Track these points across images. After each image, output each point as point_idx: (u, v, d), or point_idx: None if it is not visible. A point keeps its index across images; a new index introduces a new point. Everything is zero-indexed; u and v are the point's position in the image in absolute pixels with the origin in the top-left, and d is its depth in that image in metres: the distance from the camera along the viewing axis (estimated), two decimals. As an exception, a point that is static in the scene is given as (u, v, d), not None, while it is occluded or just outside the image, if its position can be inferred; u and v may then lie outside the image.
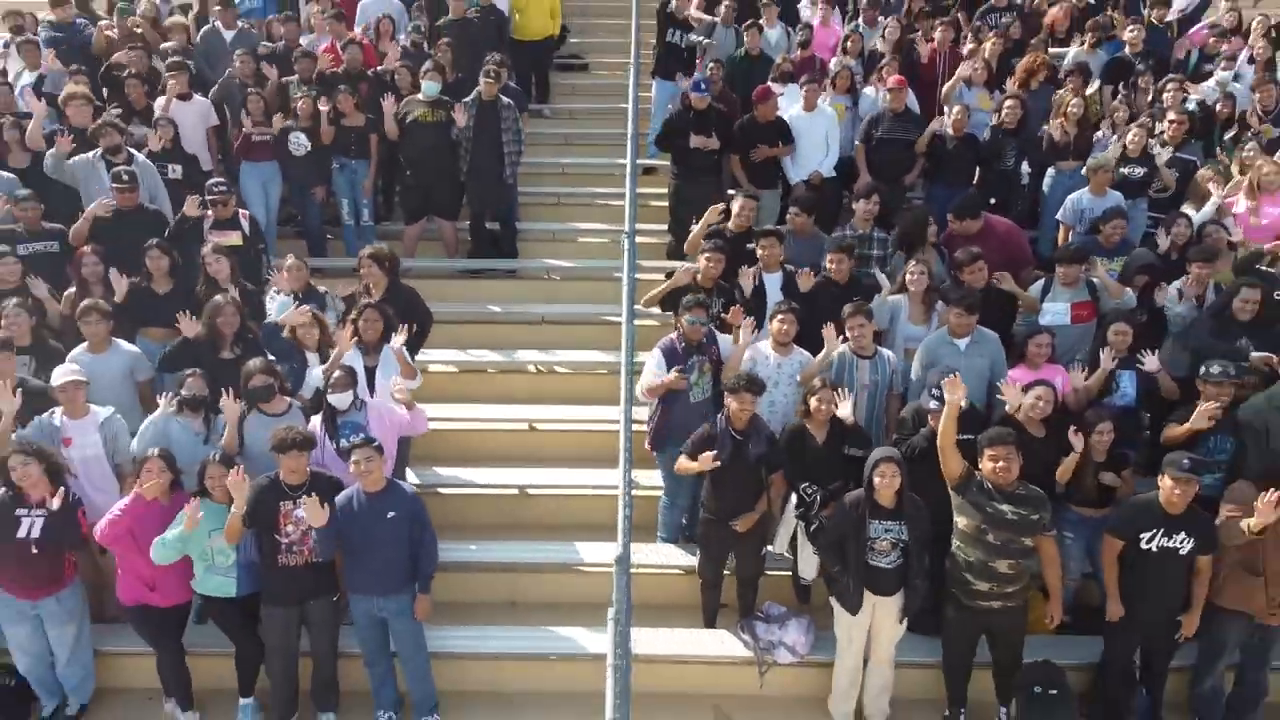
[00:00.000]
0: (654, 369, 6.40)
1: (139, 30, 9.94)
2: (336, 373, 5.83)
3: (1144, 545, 5.39)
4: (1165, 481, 5.33)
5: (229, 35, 10.15)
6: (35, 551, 5.39)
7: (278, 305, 6.80)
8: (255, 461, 5.63)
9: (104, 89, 9.47)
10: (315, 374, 6.38)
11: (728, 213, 7.42)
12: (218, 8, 10.27)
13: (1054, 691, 5.48)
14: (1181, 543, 5.35)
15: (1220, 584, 5.52)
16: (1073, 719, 5.48)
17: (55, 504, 5.37)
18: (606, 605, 4.11)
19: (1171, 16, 10.68)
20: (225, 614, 5.59)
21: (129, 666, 5.98)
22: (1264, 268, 7.23)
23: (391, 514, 5.42)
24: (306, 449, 5.37)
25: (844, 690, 5.77)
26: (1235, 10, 10.81)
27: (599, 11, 14.06)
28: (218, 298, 6.41)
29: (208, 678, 5.84)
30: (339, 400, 5.78)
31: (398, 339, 6.22)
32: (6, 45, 10.05)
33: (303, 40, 10.24)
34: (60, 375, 5.84)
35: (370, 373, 6.22)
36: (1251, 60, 10.16)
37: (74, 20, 10.04)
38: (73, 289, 7.03)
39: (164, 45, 10.02)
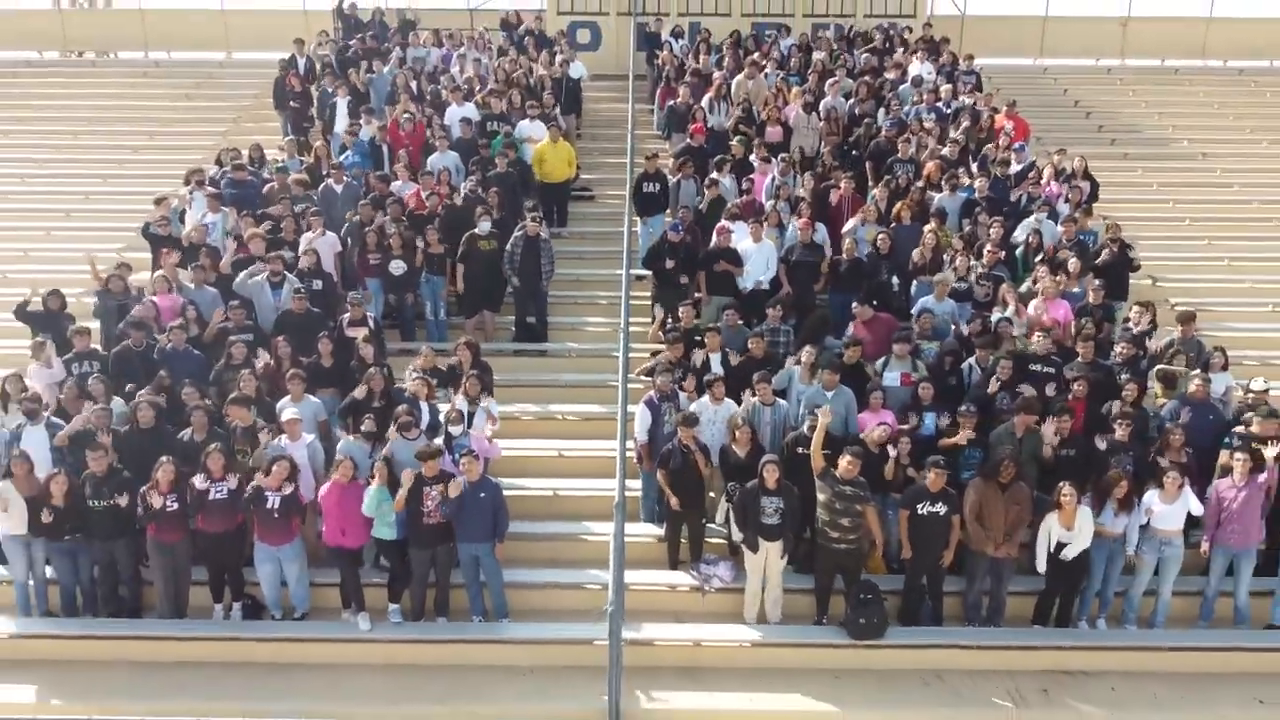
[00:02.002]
0: (640, 416, 10.42)
1: (292, 184, 14.16)
2: (453, 414, 9.88)
3: (919, 512, 9.32)
4: (929, 474, 9.28)
5: (339, 188, 14.35)
6: (276, 516, 9.33)
7: (409, 372, 10.85)
8: (400, 466, 9.56)
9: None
10: (426, 415, 10.41)
11: (674, 315, 11.63)
12: (332, 170, 14.51)
13: (870, 596, 9.35)
14: (940, 508, 9.29)
15: (968, 534, 9.43)
16: (881, 612, 9.33)
17: (289, 489, 9.32)
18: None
19: (1011, 170, 14.90)
20: (388, 550, 9.55)
21: (321, 594, 9.87)
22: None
23: (483, 494, 9.37)
24: (438, 457, 9.35)
25: (749, 601, 9.69)
26: (1049, 164, 15.05)
27: (604, 151, 18.50)
28: (371, 369, 10.47)
29: (368, 598, 9.72)
30: (454, 429, 9.82)
31: (490, 400, 10.33)
32: (191, 193, 14.24)
33: (392, 187, 14.46)
34: (286, 415, 9.87)
35: (470, 415, 10.25)
36: (1066, 200, 14.38)
37: (246, 178, 14.33)
38: (270, 361, 11.04)
39: (294, 194, 14.21)
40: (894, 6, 22.26)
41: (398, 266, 13.02)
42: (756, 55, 18.95)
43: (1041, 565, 9.37)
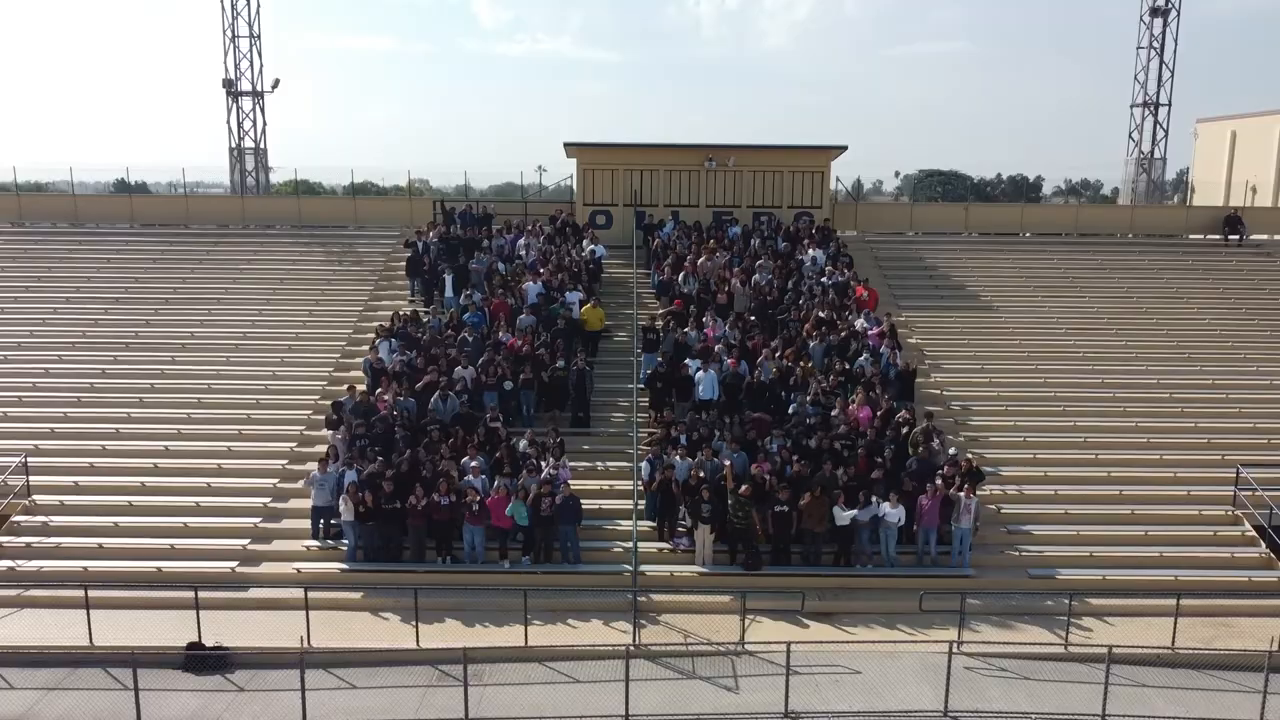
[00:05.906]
0: (645, 467, 20.88)
1: (442, 336, 24.88)
2: (552, 464, 20.36)
3: (776, 510, 19.72)
4: (781, 492, 19.72)
5: (470, 338, 24.96)
6: (474, 512, 19.68)
7: (521, 445, 21.33)
8: (527, 487, 19.93)
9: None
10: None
11: (661, 413, 22.22)
12: (466, 329, 25.15)
13: (755, 551, 19.70)
14: (786, 508, 19.68)
15: (803, 520, 19.79)
16: (759, 558, 19.65)
17: (475, 501, 19.69)
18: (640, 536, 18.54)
19: (858, 327, 25.60)
20: (524, 530, 19.91)
21: (488, 553, 20.16)
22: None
23: (571, 502, 19.79)
24: (547, 483, 19.76)
25: (698, 554, 20.04)
26: (878, 327, 25.75)
27: (620, 304, 29.18)
28: (502, 444, 20.92)
29: (511, 554, 20.01)
30: (551, 472, 20.27)
31: (564, 456, 20.83)
32: (382, 340, 24.79)
33: (502, 336, 25.03)
34: (472, 464, 20.28)
35: (558, 465, 20.70)
36: (884, 347, 25.06)
37: (412, 333, 25.01)
38: (452, 440, 21.44)
39: (445, 342, 24.78)
40: (808, 199, 33.18)
41: (508, 385, 23.56)
42: (712, 242, 29.86)
43: (840, 522, 19.73)
